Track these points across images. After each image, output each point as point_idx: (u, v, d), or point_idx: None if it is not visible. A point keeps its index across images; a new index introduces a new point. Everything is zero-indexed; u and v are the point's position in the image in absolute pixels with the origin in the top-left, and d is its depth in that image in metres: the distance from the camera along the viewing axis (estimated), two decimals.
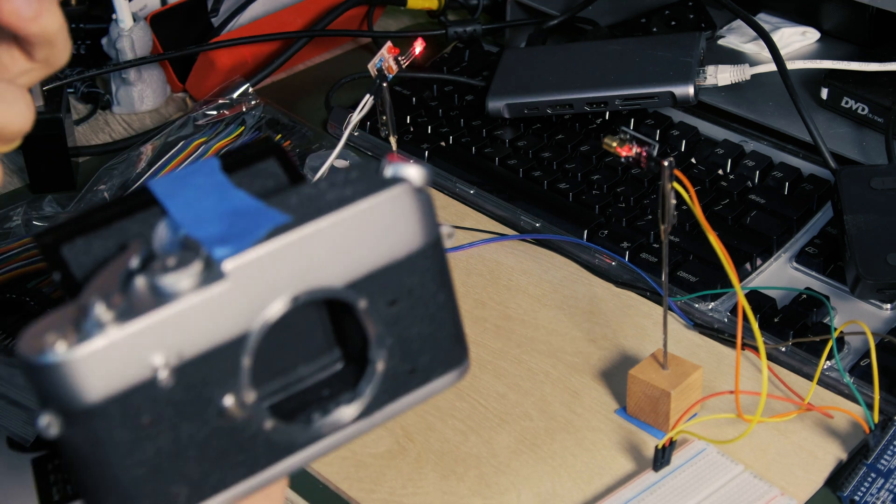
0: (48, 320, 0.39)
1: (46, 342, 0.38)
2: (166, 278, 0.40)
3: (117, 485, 0.41)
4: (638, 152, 0.61)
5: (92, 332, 0.38)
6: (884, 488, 0.65)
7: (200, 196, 0.44)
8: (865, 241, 0.76)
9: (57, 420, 0.40)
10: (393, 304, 0.44)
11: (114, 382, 0.39)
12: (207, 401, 0.41)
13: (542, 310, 0.81)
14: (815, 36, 1.03)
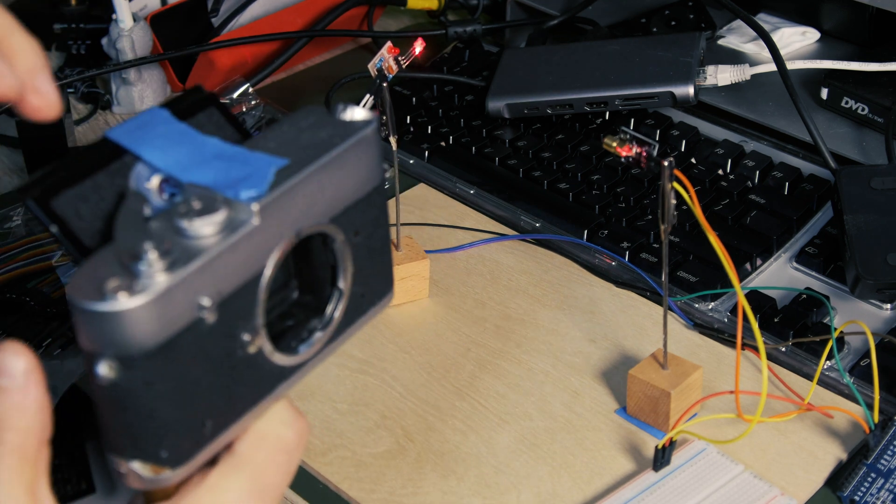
0: (94, 266, 0.41)
1: (108, 289, 0.39)
2: (199, 222, 0.42)
3: (161, 421, 0.42)
4: (638, 152, 0.61)
5: (150, 279, 0.40)
6: (884, 488, 0.65)
7: (171, 143, 0.46)
8: (865, 241, 0.77)
9: (115, 366, 0.41)
10: (357, 234, 0.48)
11: (169, 326, 0.41)
12: (234, 336, 0.43)
13: (542, 310, 0.81)
14: (815, 36, 1.03)
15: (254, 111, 1.02)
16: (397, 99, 1.03)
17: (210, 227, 0.42)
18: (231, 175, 0.44)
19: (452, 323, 0.80)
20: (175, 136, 0.46)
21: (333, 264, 0.47)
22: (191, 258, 0.41)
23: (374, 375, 0.75)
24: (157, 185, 0.44)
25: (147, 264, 0.40)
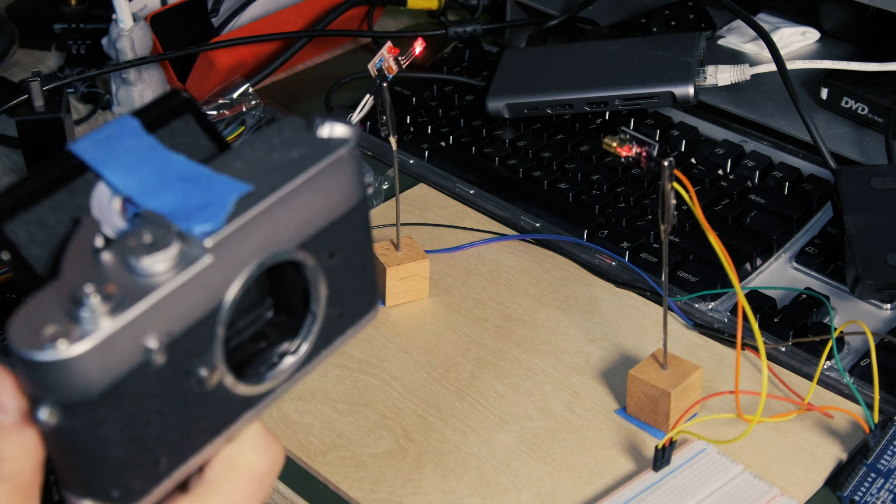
0: (35, 308, 0.39)
1: (45, 337, 0.38)
2: (148, 260, 0.40)
3: (109, 463, 0.41)
4: (638, 152, 0.61)
5: (91, 325, 0.38)
6: (884, 488, 0.65)
7: (135, 161, 0.44)
8: (865, 241, 0.76)
9: (56, 412, 0.40)
10: (331, 257, 0.45)
11: (113, 371, 0.39)
12: (188, 373, 0.42)
13: (542, 310, 0.81)
14: (814, 36, 1.03)
15: (254, 111, 1.02)
16: (397, 99, 1.03)
17: (161, 264, 0.40)
18: (190, 202, 0.42)
19: (452, 323, 0.80)
20: (141, 152, 0.44)
21: (306, 288, 0.45)
22: (136, 299, 0.39)
23: (374, 375, 0.75)
24: (119, 207, 0.43)
25: (89, 309, 0.38)
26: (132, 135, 0.44)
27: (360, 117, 0.85)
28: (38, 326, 0.38)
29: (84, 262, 0.41)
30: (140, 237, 0.40)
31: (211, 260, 0.41)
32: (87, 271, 0.40)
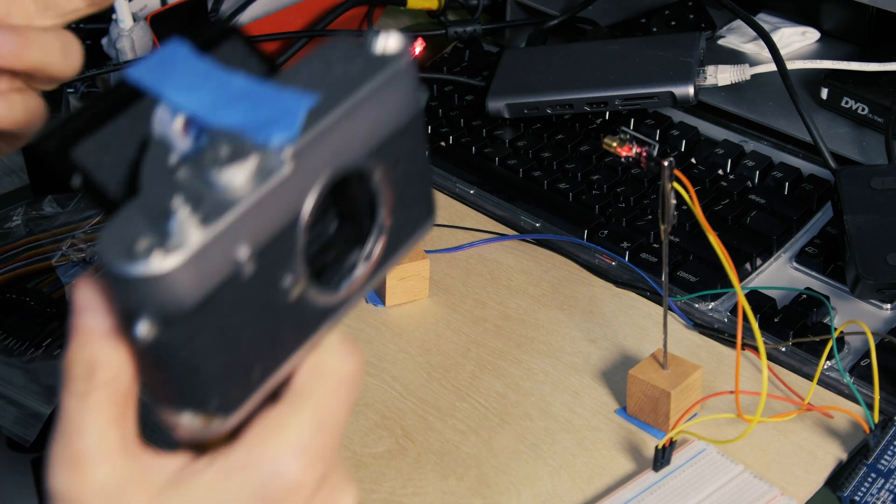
0: (123, 225, 0.40)
1: (140, 251, 0.39)
2: (228, 173, 0.40)
3: (207, 373, 0.42)
4: (638, 152, 0.61)
5: (183, 237, 0.39)
6: (884, 488, 0.65)
7: (194, 81, 0.44)
8: (865, 241, 0.76)
9: (154, 326, 0.40)
10: (396, 165, 0.46)
11: (207, 282, 0.40)
12: (274, 283, 0.43)
13: (541, 310, 0.80)
14: (815, 36, 1.03)
15: None
16: None
17: (241, 176, 0.40)
18: (260, 116, 0.42)
19: (452, 323, 0.80)
20: (198, 74, 0.44)
21: (372, 198, 0.46)
22: (224, 210, 0.40)
23: (374, 375, 0.75)
24: (181, 127, 0.43)
25: (179, 222, 0.39)
26: (186, 57, 0.44)
27: None
28: (131, 241, 0.39)
29: (163, 179, 0.41)
30: (216, 152, 0.41)
31: (290, 170, 0.41)
32: (169, 187, 0.40)
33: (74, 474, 0.42)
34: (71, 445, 0.42)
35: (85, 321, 0.43)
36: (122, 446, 0.44)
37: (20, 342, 0.79)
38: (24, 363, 0.78)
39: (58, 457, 0.42)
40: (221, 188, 0.40)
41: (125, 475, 0.43)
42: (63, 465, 0.42)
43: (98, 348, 0.42)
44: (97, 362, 0.42)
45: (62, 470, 0.42)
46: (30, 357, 0.78)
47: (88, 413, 0.43)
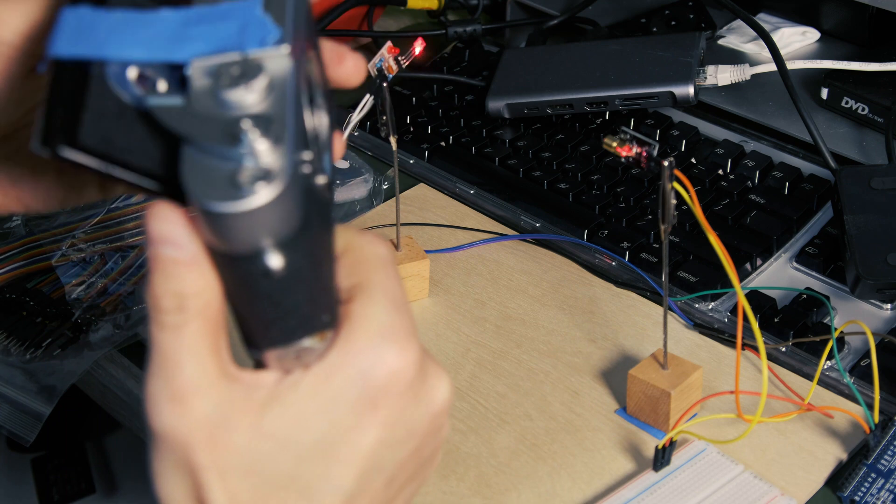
0: (200, 164, 0.39)
1: (243, 182, 0.39)
2: (250, 89, 0.40)
3: (321, 286, 0.44)
4: (638, 152, 0.61)
5: (274, 157, 0.39)
6: (884, 488, 0.65)
7: (127, 33, 0.42)
8: (865, 241, 0.76)
9: (279, 252, 0.41)
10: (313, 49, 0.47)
11: (299, 195, 0.40)
12: (314, 180, 0.43)
13: (542, 310, 0.80)
14: (815, 36, 1.03)
15: None
16: (397, 99, 1.03)
17: (259, 88, 0.40)
18: (225, 33, 0.41)
19: (452, 323, 0.80)
20: (122, 24, 0.42)
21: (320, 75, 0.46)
22: (281, 124, 0.39)
23: None
24: (135, 77, 0.41)
25: (257, 145, 0.39)
26: (95, 17, 0.42)
27: (361, 117, 0.84)
28: (226, 178, 0.39)
29: (193, 118, 0.40)
30: (226, 74, 0.40)
31: (293, 64, 0.41)
32: (209, 124, 0.40)
33: (179, 410, 0.42)
34: (171, 382, 0.42)
35: (168, 252, 0.42)
36: (221, 373, 0.44)
37: (20, 342, 0.79)
38: (24, 363, 0.78)
39: (158, 395, 0.43)
40: (250, 105, 0.40)
41: (228, 401, 0.43)
42: (165, 402, 0.42)
43: (186, 278, 0.42)
44: (187, 292, 0.42)
45: (165, 408, 0.42)
46: (30, 357, 0.78)
47: (185, 345, 0.43)
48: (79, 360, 0.78)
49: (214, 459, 0.43)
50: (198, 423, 0.43)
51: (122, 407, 0.78)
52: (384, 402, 0.46)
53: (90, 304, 0.81)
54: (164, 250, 0.42)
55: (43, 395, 0.76)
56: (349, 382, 0.45)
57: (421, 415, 0.47)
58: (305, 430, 0.45)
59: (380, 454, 0.47)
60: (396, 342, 0.46)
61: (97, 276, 0.83)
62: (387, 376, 0.46)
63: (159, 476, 0.46)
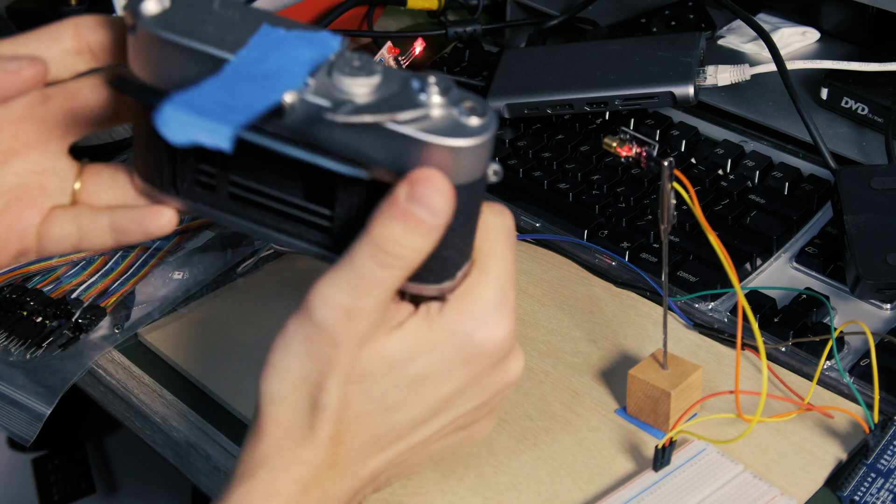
0: (413, 111, 0.51)
1: (471, 125, 0.52)
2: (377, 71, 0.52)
3: (464, 242, 0.55)
4: (638, 152, 0.61)
5: (480, 104, 0.53)
6: (884, 488, 0.65)
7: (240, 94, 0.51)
8: (865, 241, 0.77)
9: (498, 171, 0.55)
10: None
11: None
12: None
13: (542, 310, 0.81)
14: (814, 36, 1.03)
15: None
16: None
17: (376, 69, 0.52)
18: (303, 56, 0.52)
19: None
20: (224, 91, 0.50)
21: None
22: (444, 78, 0.52)
23: None
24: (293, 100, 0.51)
25: (453, 97, 0.52)
26: (195, 96, 0.50)
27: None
28: (452, 123, 0.51)
29: (373, 100, 0.52)
30: (348, 64, 0.52)
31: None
32: (392, 92, 0.52)
33: (348, 320, 0.52)
34: (356, 298, 0.52)
35: (424, 215, 0.52)
36: (386, 306, 0.54)
37: (21, 342, 0.79)
38: (25, 363, 0.78)
39: (336, 300, 0.52)
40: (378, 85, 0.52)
41: (376, 324, 0.53)
42: (340, 309, 0.52)
43: (421, 240, 0.52)
44: (416, 249, 0.52)
45: (338, 313, 0.52)
46: (30, 357, 0.78)
47: (382, 281, 0.52)
48: (79, 359, 0.78)
49: (349, 366, 0.53)
50: (355, 337, 0.52)
51: (122, 407, 0.78)
52: (475, 362, 0.56)
53: (90, 304, 0.81)
54: (422, 213, 0.52)
55: (43, 394, 0.76)
56: (455, 338, 0.55)
57: (496, 381, 0.57)
58: (409, 364, 0.55)
59: (453, 400, 0.56)
60: (502, 315, 0.56)
61: (98, 276, 0.83)
62: (485, 342, 0.55)
63: (285, 348, 0.54)
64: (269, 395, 0.55)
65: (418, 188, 0.52)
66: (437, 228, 0.53)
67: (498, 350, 0.56)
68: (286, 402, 0.55)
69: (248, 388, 0.75)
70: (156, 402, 0.76)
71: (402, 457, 0.58)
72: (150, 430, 0.76)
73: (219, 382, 0.76)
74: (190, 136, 0.48)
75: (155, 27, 0.53)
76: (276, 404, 0.55)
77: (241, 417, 0.73)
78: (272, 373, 0.55)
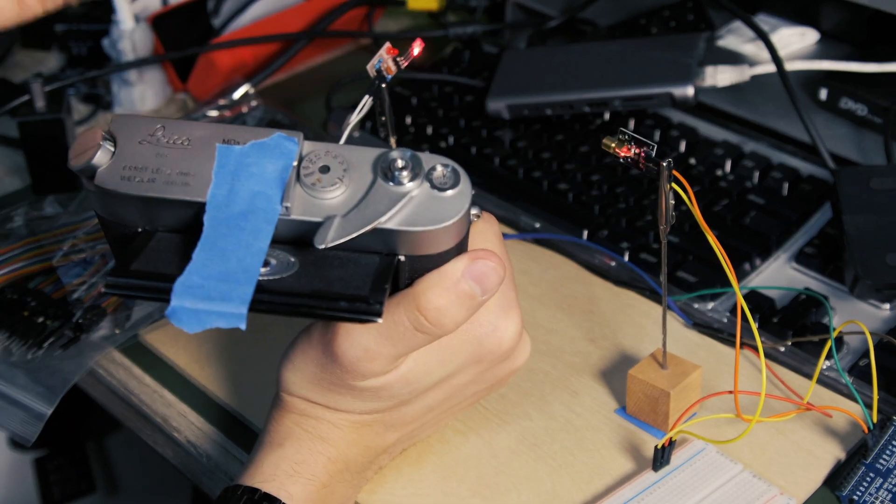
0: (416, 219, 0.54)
1: (442, 200, 0.54)
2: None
3: None
4: (637, 153, 0.61)
5: (439, 184, 0.55)
6: (882, 488, 0.65)
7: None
8: (864, 242, 0.77)
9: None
10: None
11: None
12: None
13: (541, 309, 0.81)
14: (813, 37, 1.03)
15: (254, 112, 1.02)
16: (398, 100, 1.04)
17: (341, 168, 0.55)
18: (267, 169, 0.54)
19: None
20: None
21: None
22: (416, 160, 0.55)
23: None
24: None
25: (409, 178, 0.54)
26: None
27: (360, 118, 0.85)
28: (431, 202, 0.54)
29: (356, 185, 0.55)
30: (317, 176, 0.55)
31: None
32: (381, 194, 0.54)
33: (369, 361, 0.57)
34: (381, 347, 0.57)
35: (475, 291, 0.57)
36: (404, 356, 0.59)
37: (22, 342, 0.79)
38: (26, 363, 0.78)
39: (361, 341, 0.57)
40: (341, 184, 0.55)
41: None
42: (364, 358, 0.57)
43: (464, 313, 0.57)
44: (455, 320, 0.57)
45: (364, 358, 0.57)
46: (31, 357, 0.78)
47: (409, 342, 0.57)
48: (80, 360, 0.79)
49: (360, 385, 0.59)
50: (368, 372, 0.58)
51: (122, 407, 0.78)
52: (486, 359, 0.61)
53: (91, 305, 0.81)
54: (475, 289, 0.56)
55: (44, 394, 0.76)
56: (466, 345, 0.60)
57: (505, 368, 0.64)
58: (425, 377, 0.60)
59: (465, 388, 0.63)
60: (508, 316, 0.60)
61: (98, 277, 0.83)
62: (496, 345, 0.61)
63: (304, 354, 0.60)
64: (287, 385, 0.62)
65: (477, 266, 0.56)
66: (481, 304, 0.57)
67: (507, 348, 0.62)
68: (302, 395, 0.62)
69: (249, 389, 0.75)
70: (156, 403, 0.76)
71: (416, 431, 0.65)
72: (150, 430, 0.77)
73: (219, 383, 0.76)
74: (206, 325, 0.50)
75: (115, 184, 0.54)
76: (294, 394, 0.62)
77: (241, 418, 0.73)
78: (290, 368, 0.61)
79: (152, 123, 0.56)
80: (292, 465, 0.60)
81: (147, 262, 0.53)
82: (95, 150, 0.54)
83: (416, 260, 0.56)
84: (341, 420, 0.62)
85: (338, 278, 0.53)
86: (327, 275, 0.53)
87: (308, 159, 0.55)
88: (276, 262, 0.53)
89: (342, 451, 0.62)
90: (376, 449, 0.64)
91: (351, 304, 0.52)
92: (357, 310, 0.53)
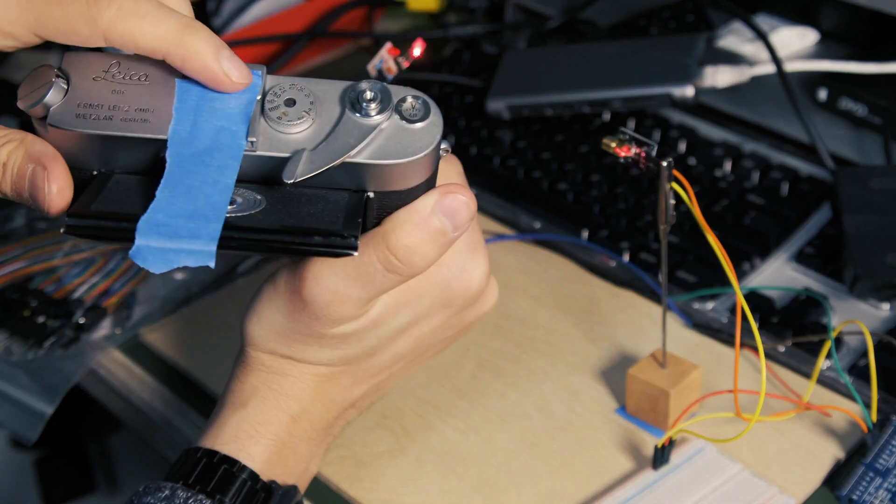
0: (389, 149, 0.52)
1: (412, 132, 0.52)
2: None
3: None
4: (637, 153, 0.62)
5: (409, 116, 0.53)
6: (882, 487, 0.65)
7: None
8: (864, 242, 0.77)
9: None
10: None
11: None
12: None
13: (541, 309, 0.81)
14: (813, 37, 1.03)
15: None
16: None
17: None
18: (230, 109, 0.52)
19: None
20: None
21: None
22: (387, 92, 0.53)
23: None
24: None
25: (377, 110, 0.52)
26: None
27: None
28: (400, 134, 0.52)
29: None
30: (283, 110, 0.52)
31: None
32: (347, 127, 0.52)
33: (341, 301, 0.56)
34: (349, 288, 0.55)
35: (447, 228, 0.54)
36: (374, 299, 0.57)
37: (23, 342, 0.79)
38: (27, 363, 0.78)
39: (338, 290, 0.55)
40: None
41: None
42: (340, 298, 0.55)
43: (436, 251, 0.55)
44: (427, 258, 0.55)
45: (337, 298, 0.56)
46: (32, 357, 0.78)
47: (382, 281, 0.55)
48: (81, 359, 0.79)
49: (327, 332, 0.57)
50: (337, 316, 0.56)
51: (123, 406, 0.78)
52: (454, 304, 0.60)
53: (92, 305, 0.81)
54: (446, 225, 0.54)
55: (45, 394, 0.76)
56: (434, 287, 0.59)
57: (473, 312, 0.63)
58: (392, 318, 0.58)
59: (433, 334, 0.62)
60: (475, 258, 0.59)
61: (99, 277, 0.83)
62: (463, 288, 0.60)
63: (270, 302, 0.58)
64: (252, 339, 0.60)
65: (447, 200, 0.53)
66: (452, 242, 0.54)
67: (476, 291, 0.61)
68: (268, 349, 0.60)
69: None
70: (157, 402, 0.76)
71: (383, 383, 0.64)
72: (151, 430, 0.77)
73: (220, 382, 0.76)
74: (173, 264, 0.48)
75: (70, 122, 0.50)
76: (260, 349, 0.60)
77: None
78: (256, 320, 0.59)
79: (107, 59, 0.53)
80: (254, 425, 0.59)
81: (107, 202, 0.50)
82: (48, 88, 0.51)
83: (385, 196, 0.53)
84: (307, 373, 0.60)
85: (308, 214, 0.51)
86: (297, 211, 0.51)
87: (273, 93, 0.52)
88: (242, 200, 0.51)
89: (306, 407, 0.60)
90: (342, 403, 0.62)
91: (326, 238, 0.50)
92: (332, 244, 0.50)
